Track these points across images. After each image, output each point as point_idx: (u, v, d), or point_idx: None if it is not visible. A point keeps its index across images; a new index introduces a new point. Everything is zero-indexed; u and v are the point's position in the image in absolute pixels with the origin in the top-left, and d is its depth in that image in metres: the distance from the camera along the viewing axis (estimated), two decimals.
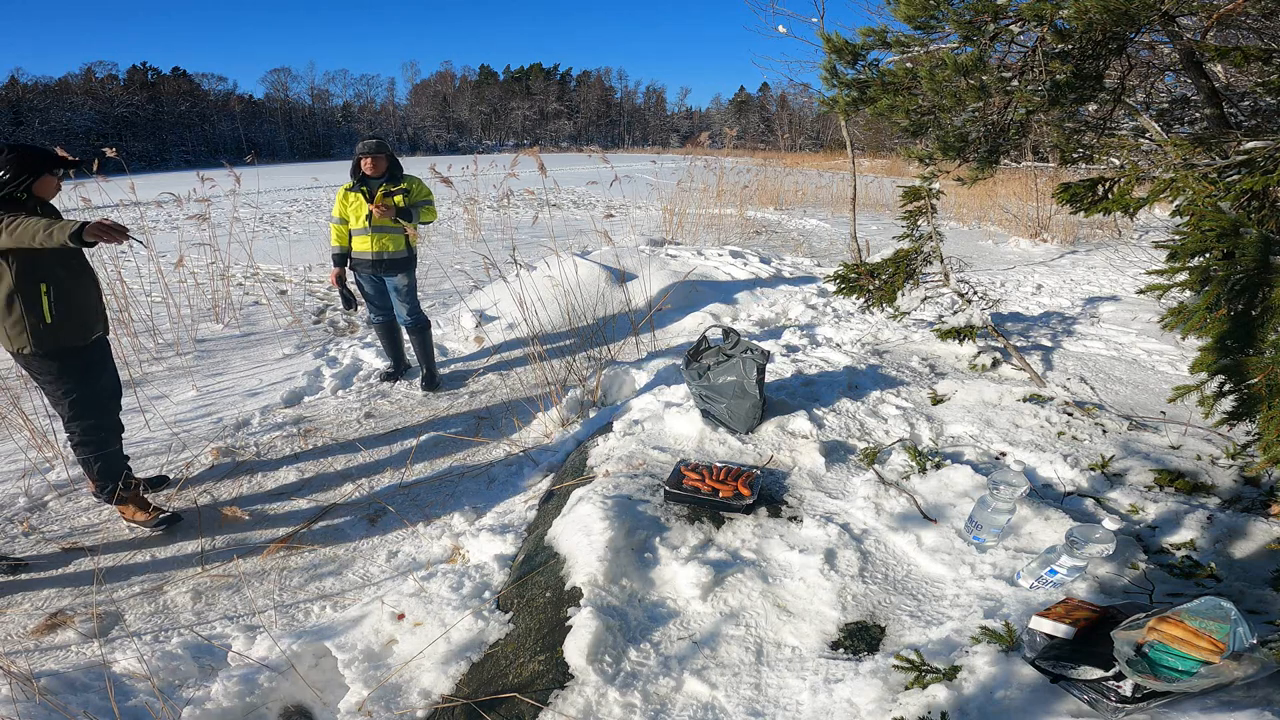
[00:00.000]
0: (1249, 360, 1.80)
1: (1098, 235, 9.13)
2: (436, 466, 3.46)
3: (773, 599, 1.93)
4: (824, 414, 3.00)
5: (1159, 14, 2.17)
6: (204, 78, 70.42)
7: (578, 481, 2.68)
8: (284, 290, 6.85)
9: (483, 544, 2.61)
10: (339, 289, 4.21)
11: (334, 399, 4.25)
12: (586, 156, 30.90)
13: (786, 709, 1.60)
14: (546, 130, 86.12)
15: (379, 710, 1.86)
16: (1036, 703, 1.42)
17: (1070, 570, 1.75)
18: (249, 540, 2.87)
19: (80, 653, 2.24)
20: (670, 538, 2.20)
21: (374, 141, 3.99)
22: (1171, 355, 3.88)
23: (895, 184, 8.62)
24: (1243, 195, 1.96)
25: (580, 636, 1.80)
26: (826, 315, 5.33)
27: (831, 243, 9.68)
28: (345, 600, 2.50)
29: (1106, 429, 2.79)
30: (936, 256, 3.63)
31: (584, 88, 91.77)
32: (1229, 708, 1.32)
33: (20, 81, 57.18)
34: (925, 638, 1.71)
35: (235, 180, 6.33)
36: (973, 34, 2.40)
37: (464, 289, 6.46)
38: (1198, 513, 2.12)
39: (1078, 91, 2.41)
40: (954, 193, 11.34)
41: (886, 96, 2.67)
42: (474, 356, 4.97)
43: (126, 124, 58.72)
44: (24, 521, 2.95)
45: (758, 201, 12.68)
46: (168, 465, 3.40)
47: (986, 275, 6.74)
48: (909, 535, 2.14)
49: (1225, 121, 2.50)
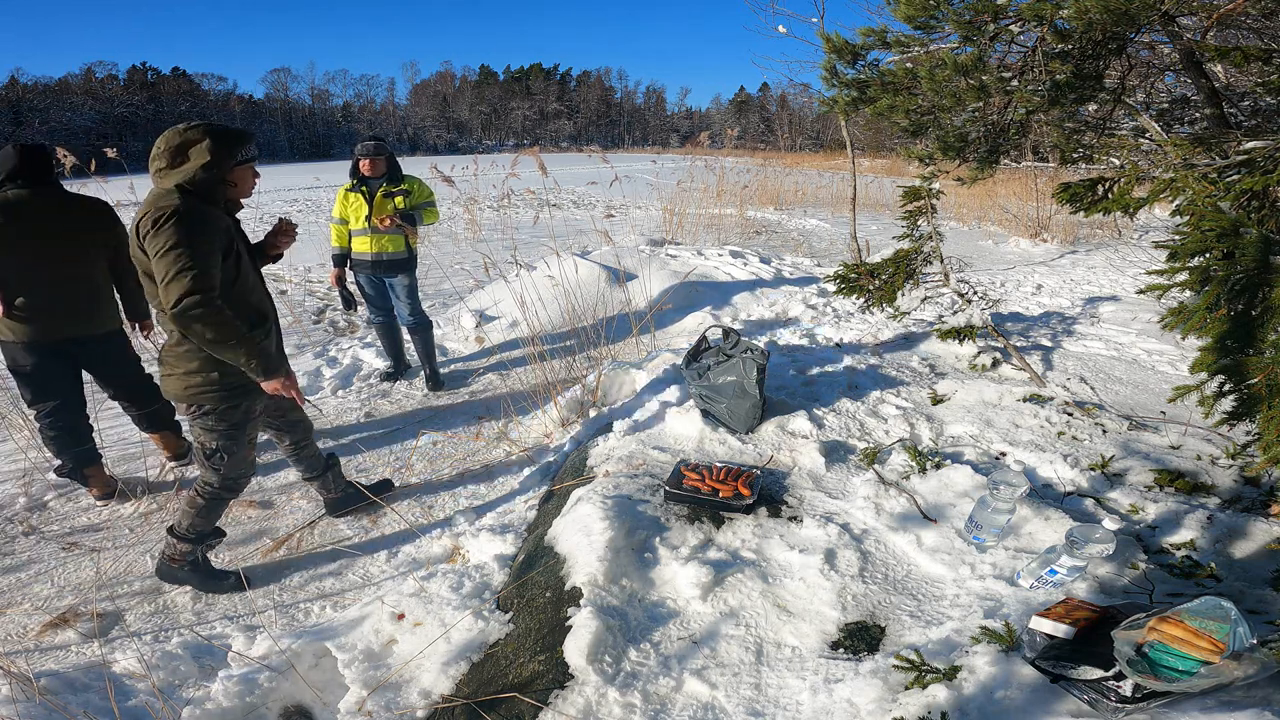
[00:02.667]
0: (1249, 360, 1.80)
1: (1098, 235, 9.13)
2: (436, 466, 3.46)
3: (773, 599, 1.93)
4: (824, 414, 3.00)
5: (1159, 14, 2.17)
6: (204, 78, 70.51)
7: (578, 481, 2.68)
8: (284, 290, 6.84)
9: (483, 544, 2.61)
10: (339, 289, 4.22)
11: (334, 399, 4.25)
12: (586, 156, 30.90)
13: (786, 709, 1.60)
14: (546, 130, 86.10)
15: (379, 710, 1.86)
16: (1036, 703, 1.42)
17: (1070, 570, 1.75)
18: (249, 540, 2.87)
19: (80, 653, 2.24)
20: (670, 538, 2.20)
21: (373, 143, 3.99)
22: (1171, 355, 3.88)
23: (895, 184, 8.62)
24: (1243, 195, 1.96)
25: (580, 636, 1.80)
26: (826, 315, 5.33)
27: (831, 243, 9.68)
28: (345, 600, 2.50)
29: (1106, 429, 2.79)
30: (936, 256, 3.63)
31: (584, 88, 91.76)
32: (1229, 708, 1.32)
33: (20, 81, 57.20)
34: (925, 638, 1.71)
35: None
36: (973, 34, 2.40)
37: (464, 289, 6.46)
38: (1198, 513, 2.12)
39: (1078, 91, 2.41)
40: (954, 193, 11.34)
41: (886, 96, 2.67)
42: (474, 356, 4.97)
43: (126, 124, 58.70)
44: (24, 521, 2.95)
45: (758, 201, 12.68)
46: (169, 466, 3.40)
47: (986, 275, 6.74)
48: (909, 535, 2.14)
49: (1225, 121, 2.50)
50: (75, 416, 2.96)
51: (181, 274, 1.94)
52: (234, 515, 3.04)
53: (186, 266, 1.94)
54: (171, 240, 1.94)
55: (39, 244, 2.70)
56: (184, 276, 1.94)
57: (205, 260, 1.99)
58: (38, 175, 2.73)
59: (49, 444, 2.98)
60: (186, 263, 1.94)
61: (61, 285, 2.76)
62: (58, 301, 2.76)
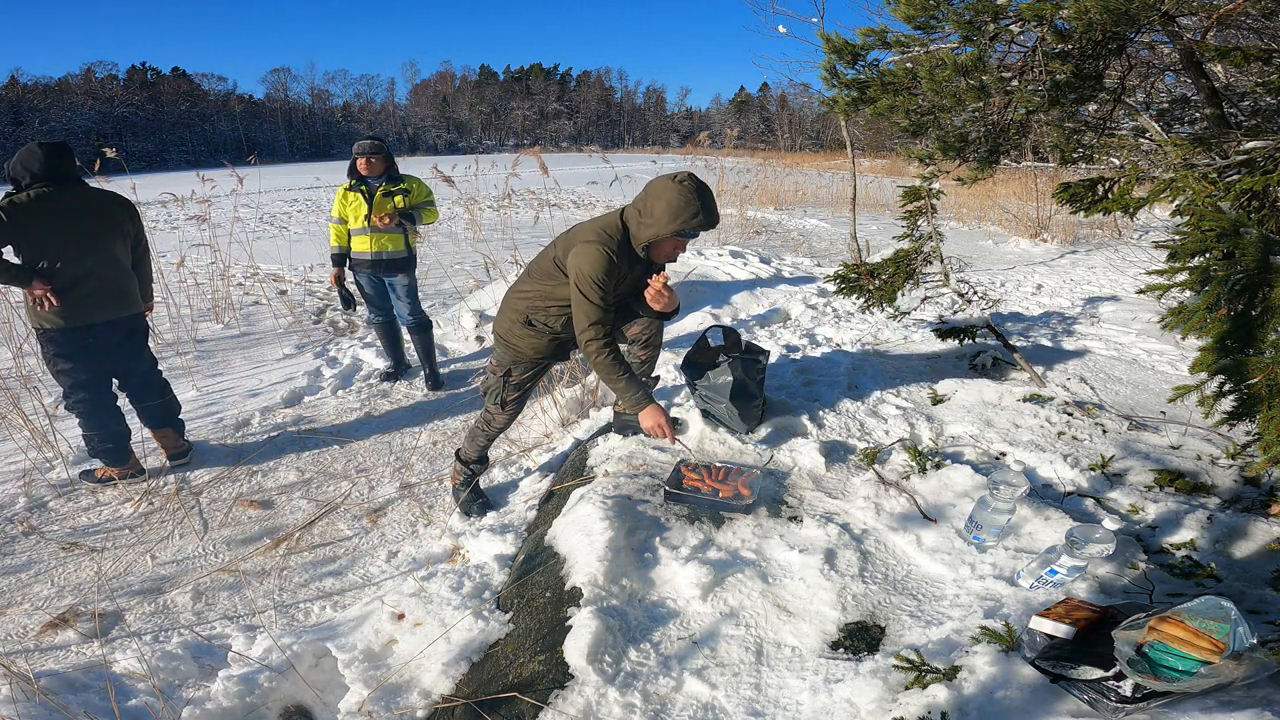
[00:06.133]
0: (1249, 360, 1.80)
1: (1098, 235, 9.13)
2: (436, 466, 3.46)
3: (773, 599, 1.93)
4: (824, 414, 3.00)
5: (1159, 14, 2.17)
6: (204, 78, 70.54)
7: (578, 481, 2.68)
8: (284, 290, 6.85)
9: (483, 544, 2.61)
10: (338, 289, 4.22)
11: (334, 399, 4.26)
12: (587, 156, 30.88)
13: (786, 709, 1.60)
14: (546, 130, 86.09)
15: (379, 710, 1.86)
16: (1036, 703, 1.42)
17: (1070, 570, 1.75)
18: (249, 540, 2.87)
19: (80, 653, 2.24)
20: (670, 538, 2.20)
21: (370, 142, 3.99)
22: (1171, 355, 3.88)
23: (895, 184, 8.62)
24: (1243, 195, 1.96)
25: (580, 636, 1.80)
26: (826, 315, 5.33)
27: (831, 243, 9.68)
28: (345, 600, 2.51)
29: (1106, 429, 2.79)
30: (936, 256, 3.62)
31: (584, 88, 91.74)
32: (1229, 708, 1.32)
33: (20, 81, 57.23)
34: (925, 638, 1.71)
35: (238, 181, 6.33)
36: (973, 34, 2.40)
37: (464, 289, 6.46)
38: (1198, 513, 2.12)
39: (1078, 91, 2.41)
40: (954, 193, 11.34)
41: (886, 96, 2.67)
42: (474, 356, 4.97)
43: (126, 124, 58.74)
44: (24, 521, 2.95)
45: (758, 201, 12.68)
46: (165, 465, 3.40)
47: (986, 275, 6.75)
48: (909, 535, 2.13)
49: (1225, 121, 2.50)
50: (111, 395, 3.18)
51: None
52: (234, 515, 3.05)
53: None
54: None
55: (75, 238, 2.90)
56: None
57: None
58: (65, 172, 2.90)
59: (87, 421, 3.11)
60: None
61: (97, 274, 2.97)
62: (95, 289, 2.96)
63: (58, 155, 2.86)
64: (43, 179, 2.83)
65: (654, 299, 2.53)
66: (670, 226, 2.30)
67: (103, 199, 3.06)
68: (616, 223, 2.43)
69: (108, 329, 3.05)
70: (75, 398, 3.07)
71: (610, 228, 2.41)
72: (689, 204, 2.27)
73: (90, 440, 3.15)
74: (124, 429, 3.21)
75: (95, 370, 3.08)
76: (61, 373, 3.02)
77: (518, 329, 2.62)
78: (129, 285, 3.13)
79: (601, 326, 2.37)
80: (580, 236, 2.42)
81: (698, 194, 2.29)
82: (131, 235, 3.18)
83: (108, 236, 3.02)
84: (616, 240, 2.38)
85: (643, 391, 2.44)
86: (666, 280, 2.52)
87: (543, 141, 79.96)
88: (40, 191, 2.82)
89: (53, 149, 2.86)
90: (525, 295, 2.60)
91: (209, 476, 3.34)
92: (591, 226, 2.45)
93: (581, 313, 2.37)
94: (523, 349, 2.64)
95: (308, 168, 32.30)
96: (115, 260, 3.06)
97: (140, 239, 3.24)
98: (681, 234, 2.34)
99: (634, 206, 2.41)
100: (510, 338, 2.65)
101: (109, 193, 3.13)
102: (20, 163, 2.83)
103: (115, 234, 3.06)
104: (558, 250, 2.50)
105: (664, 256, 2.48)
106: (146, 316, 3.32)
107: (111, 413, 3.16)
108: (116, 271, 3.06)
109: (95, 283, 2.96)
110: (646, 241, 2.38)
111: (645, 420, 2.45)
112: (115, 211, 3.08)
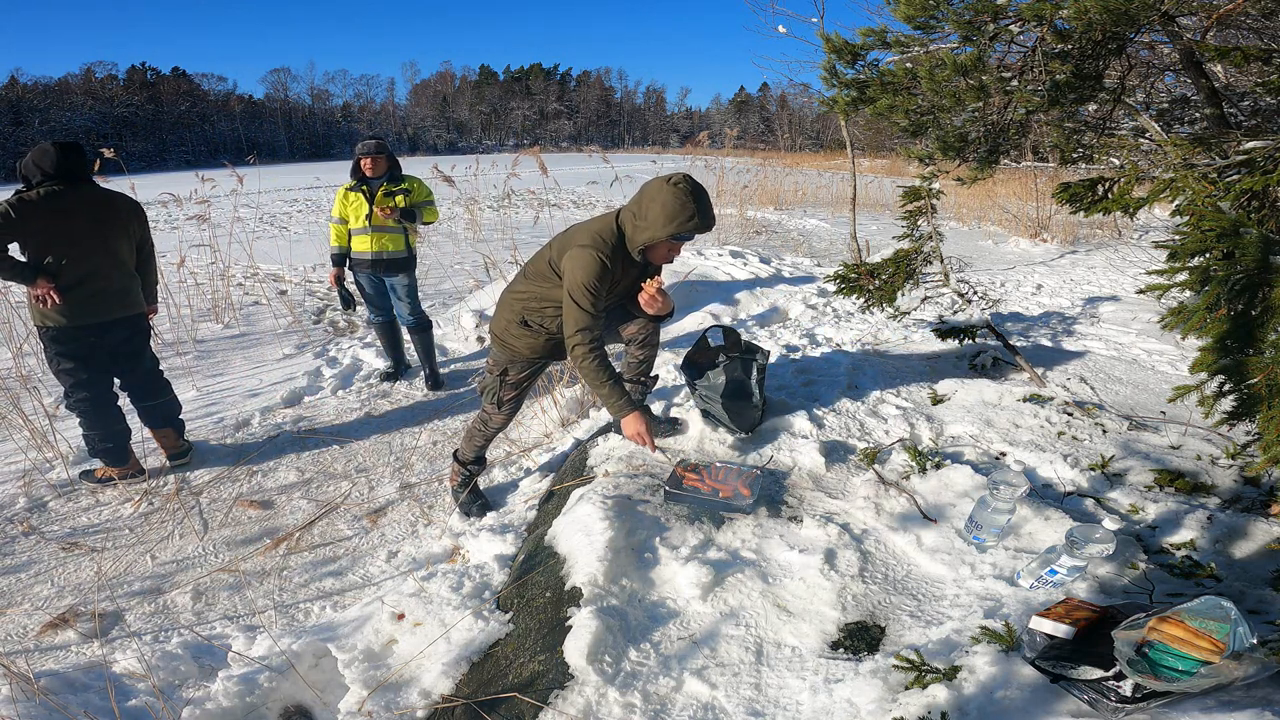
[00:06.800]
0: (1249, 360, 1.80)
1: (1098, 235, 9.13)
2: (436, 466, 3.46)
3: (773, 599, 1.93)
4: (824, 414, 3.00)
5: (1159, 14, 2.17)
6: (204, 78, 70.60)
7: (578, 481, 2.68)
8: (284, 290, 6.85)
9: (483, 544, 2.61)
10: (338, 289, 4.22)
11: (334, 399, 4.26)
12: (587, 156, 30.88)
13: (786, 709, 1.60)
14: (546, 130, 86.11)
15: (379, 710, 1.86)
16: (1036, 703, 1.42)
17: (1070, 570, 1.75)
18: (249, 540, 2.87)
19: (80, 653, 2.24)
20: (670, 538, 2.20)
21: (374, 142, 3.99)
22: (1171, 355, 3.88)
23: (895, 184, 8.62)
24: (1243, 195, 1.96)
25: (580, 636, 1.79)
26: (826, 315, 5.33)
27: (831, 243, 9.68)
28: (345, 600, 2.51)
29: (1106, 429, 2.79)
30: (936, 256, 3.62)
31: (584, 88, 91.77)
32: (1229, 708, 1.32)
33: (20, 81, 57.24)
34: (925, 638, 1.71)
35: (238, 181, 6.33)
36: (972, 34, 2.40)
37: (464, 289, 6.46)
38: (1198, 513, 2.12)
39: (1078, 91, 2.41)
40: (954, 193, 11.34)
41: (886, 96, 2.67)
42: (474, 356, 4.97)
43: (126, 124, 58.75)
44: (24, 521, 2.95)
45: (758, 201, 12.68)
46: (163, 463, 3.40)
47: (986, 275, 6.75)
48: (909, 535, 2.13)
49: (1225, 121, 2.50)
50: (112, 395, 3.20)
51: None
52: (234, 515, 3.05)
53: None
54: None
55: (81, 237, 2.92)
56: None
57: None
58: (78, 172, 2.92)
59: (88, 421, 3.13)
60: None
61: (102, 274, 2.99)
62: (99, 288, 2.99)
63: (71, 155, 2.89)
64: (54, 178, 2.85)
65: (648, 304, 2.53)
66: (666, 230, 2.29)
67: (111, 200, 3.08)
68: (612, 226, 2.42)
69: (110, 329, 3.06)
70: (76, 397, 3.07)
71: (605, 231, 2.40)
72: (684, 207, 2.27)
73: (90, 440, 3.16)
74: (124, 429, 3.21)
75: (97, 370, 3.09)
76: (63, 371, 3.03)
77: (514, 329, 2.62)
78: (133, 286, 3.15)
79: (590, 333, 2.36)
80: (575, 240, 2.41)
81: (693, 196, 2.28)
82: (138, 236, 3.20)
83: (114, 237, 3.05)
84: (611, 245, 2.38)
85: (626, 399, 2.42)
86: (661, 285, 2.52)
87: (542, 141, 79.95)
88: (50, 190, 2.84)
89: (66, 149, 2.88)
90: (521, 296, 2.60)
91: (209, 476, 3.34)
92: (587, 230, 2.44)
93: (571, 318, 2.36)
94: (519, 349, 2.65)
95: (308, 168, 32.32)
96: (120, 261, 3.07)
97: (146, 241, 3.28)
98: (677, 237, 2.33)
99: (629, 209, 2.40)
100: (506, 337, 2.65)
101: (118, 194, 3.16)
102: (33, 161, 2.86)
103: (122, 235, 3.09)
104: (553, 252, 2.49)
105: (660, 259, 2.48)
106: (149, 318, 3.34)
107: (112, 413, 3.16)
108: (121, 272, 3.08)
109: (100, 282, 2.98)
110: (642, 245, 2.37)
111: (627, 428, 2.43)
112: (123, 213, 3.11)
